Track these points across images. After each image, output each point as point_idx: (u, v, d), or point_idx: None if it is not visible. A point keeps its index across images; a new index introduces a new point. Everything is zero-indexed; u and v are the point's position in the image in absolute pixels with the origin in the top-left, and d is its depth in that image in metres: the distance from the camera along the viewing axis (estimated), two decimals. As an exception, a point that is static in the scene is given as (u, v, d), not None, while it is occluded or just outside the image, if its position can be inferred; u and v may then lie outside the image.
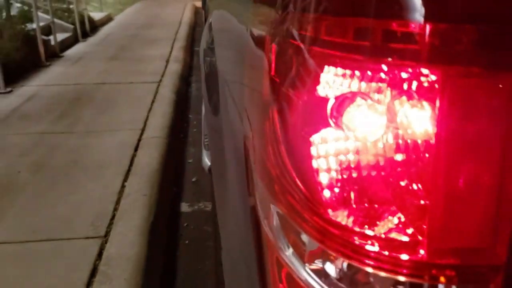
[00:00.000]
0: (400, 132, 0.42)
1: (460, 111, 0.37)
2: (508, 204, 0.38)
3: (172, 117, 4.15)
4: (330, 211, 0.45)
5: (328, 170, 0.46)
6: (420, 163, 0.41)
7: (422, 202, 0.41)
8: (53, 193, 2.81)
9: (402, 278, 0.42)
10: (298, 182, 0.48)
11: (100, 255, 2.24)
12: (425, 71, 0.38)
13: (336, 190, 0.45)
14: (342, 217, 0.45)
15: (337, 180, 0.46)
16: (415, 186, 0.42)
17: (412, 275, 0.41)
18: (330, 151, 0.46)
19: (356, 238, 0.43)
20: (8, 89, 4.84)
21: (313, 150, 0.46)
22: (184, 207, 3.01)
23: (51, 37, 6.56)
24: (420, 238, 0.41)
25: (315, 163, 0.46)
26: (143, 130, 3.80)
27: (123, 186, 2.90)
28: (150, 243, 2.35)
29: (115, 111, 4.24)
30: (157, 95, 4.71)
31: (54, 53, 6.46)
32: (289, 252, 0.50)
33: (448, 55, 0.36)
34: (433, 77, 0.38)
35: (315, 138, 0.46)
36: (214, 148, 1.74)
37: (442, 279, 0.41)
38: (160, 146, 3.50)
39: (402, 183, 0.43)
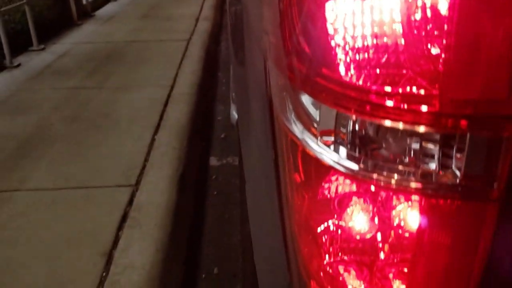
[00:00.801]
0: None
1: None
2: None
3: (201, 74, 4.14)
4: (345, 74, 0.44)
5: (343, 36, 0.44)
6: (435, 20, 0.38)
7: (436, 53, 0.38)
8: (85, 144, 2.86)
9: (419, 128, 0.41)
10: (307, 50, 0.46)
11: (130, 202, 2.29)
12: None
13: (351, 54, 0.43)
14: (358, 79, 0.43)
15: (353, 47, 0.43)
16: (429, 46, 0.39)
17: (428, 125, 0.41)
18: (343, 15, 0.43)
19: (373, 97, 0.42)
20: (41, 46, 4.91)
21: (328, 15, 0.44)
22: (213, 161, 3.03)
23: (83, -4, 6.59)
24: (435, 91, 0.40)
25: (330, 28, 0.44)
26: (172, 86, 3.81)
27: (153, 139, 2.93)
28: (179, 192, 2.38)
29: (145, 68, 4.26)
30: (187, 52, 4.70)
31: (86, 12, 6.50)
32: (302, 131, 0.49)
33: None
34: None
35: (329, 4, 0.44)
36: (240, 99, 1.73)
37: (457, 128, 0.40)
38: (189, 102, 3.51)
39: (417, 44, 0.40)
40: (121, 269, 1.84)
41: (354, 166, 0.46)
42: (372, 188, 0.46)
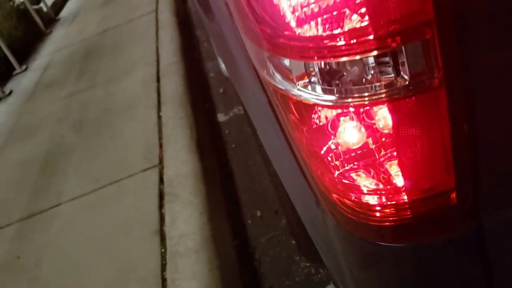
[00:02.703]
0: None
1: None
2: None
3: (180, 39, 4.16)
4: (299, 31, 0.54)
5: (294, 3, 0.53)
6: None
7: None
8: (100, 143, 2.99)
9: (368, 53, 0.52)
10: (272, 19, 0.56)
11: (161, 180, 2.43)
12: None
13: (301, 12, 0.53)
14: (310, 31, 0.54)
15: (297, 5, 0.53)
16: None
17: (373, 49, 0.52)
18: None
19: (327, 41, 0.53)
20: (24, 67, 4.95)
21: None
22: (221, 117, 3.13)
23: (42, 4, 6.49)
24: (369, 23, 0.51)
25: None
26: (158, 61, 3.85)
27: (159, 117, 3.03)
28: (201, 157, 2.51)
29: (126, 52, 4.29)
30: (158, 23, 4.69)
31: (51, 18, 6.44)
32: (283, 82, 0.60)
33: None
34: None
35: None
36: (222, 51, 1.79)
37: (394, 43, 0.51)
38: (179, 70, 3.57)
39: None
40: (175, 240, 2.01)
41: (331, 98, 0.57)
42: (351, 110, 0.58)
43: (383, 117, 0.58)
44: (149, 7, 5.28)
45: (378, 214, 0.62)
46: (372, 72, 0.53)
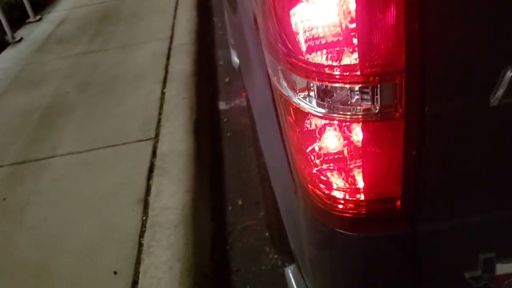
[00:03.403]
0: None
1: None
2: None
3: (196, 22, 4.25)
4: (308, 56, 0.70)
5: (304, 31, 0.70)
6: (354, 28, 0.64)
7: (356, 43, 0.65)
8: (101, 106, 3.08)
9: (355, 84, 0.69)
10: (288, 43, 0.72)
11: (154, 153, 2.54)
12: None
13: (311, 43, 0.69)
14: (316, 58, 0.70)
15: (309, 37, 0.69)
16: (354, 40, 0.66)
17: (358, 82, 0.68)
18: (304, 19, 0.69)
19: (326, 69, 0.69)
20: (38, 17, 5.02)
21: (293, 20, 0.70)
22: (222, 105, 3.24)
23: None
24: (358, 63, 0.68)
25: (294, 28, 0.70)
26: (171, 38, 3.95)
27: (163, 93, 3.13)
28: (196, 138, 2.62)
29: (142, 23, 4.37)
30: (179, 0, 4.77)
31: (72, -26, 6.47)
32: (288, 90, 0.76)
33: None
34: None
35: (294, 10, 0.70)
36: (239, 46, 1.89)
37: (373, 81, 0.67)
38: (190, 52, 3.66)
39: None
40: (157, 211, 2.12)
41: (322, 110, 0.73)
42: (335, 122, 0.75)
43: (358, 133, 0.74)
44: (172, -16, 5.35)
45: (340, 206, 0.79)
46: (356, 98, 0.69)
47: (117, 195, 2.27)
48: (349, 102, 0.70)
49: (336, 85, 0.69)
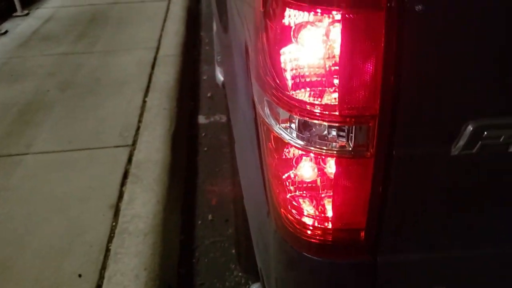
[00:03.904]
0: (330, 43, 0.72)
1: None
2: None
3: (184, 35, 4.31)
4: (292, 92, 0.77)
5: (291, 69, 0.76)
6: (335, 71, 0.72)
7: (336, 85, 0.72)
8: (81, 108, 3.09)
9: (333, 123, 0.76)
10: (275, 78, 0.78)
11: (129, 160, 2.55)
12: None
13: (297, 80, 0.76)
14: (299, 95, 0.76)
15: (296, 75, 0.75)
16: (334, 82, 0.73)
17: (336, 121, 0.75)
18: (292, 58, 0.75)
19: (308, 106, 0.76)
20: (25, 12, 4.99)
21: (282, 58, 0.76)
22: (202, 119, 3.28)
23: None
24: (337, 104, 0.74)
25: (283, 65, 0.76)
26: (158, 48, 3.99)
27: (144, 101, 3.16)
28: (173, 150, 2.65)
29: (130, 30, 4.40)
30: (169, 13, 4.83)
31: (64, -27, 6.47)
32: (271, 120, 0.82)
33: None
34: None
35: (284, 50, 0.76)
36: (226, 63, 1.95)
37: (349, 122, 0.75)
38: (175, 64, 3.71)
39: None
40: (128, 218, 2.14)
41: (301, 142, 0.79)
42: (312, 154, 0.81)
43: (331, 166, 0.81)
44: (164, -6, 5.41)
45: (309, 232, 0.85)
46: (332, 134, 0.76)
47: (89, 199, 2.27)
48: (326, 138, 0.76)
49: (316, 121, 0.75)
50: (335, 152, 0.77)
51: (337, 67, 0.71)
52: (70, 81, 3.45)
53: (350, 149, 0.75)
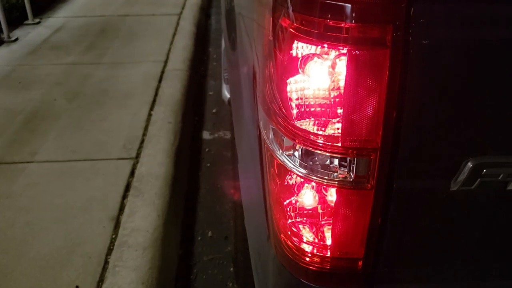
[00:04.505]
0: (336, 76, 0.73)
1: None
2: None
3: (193, 50, 4.35)
4: (297, 121, 0.78)
5: (297, 99, 0.78)
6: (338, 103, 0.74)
7: (340, 116, 0.74)
8: (87, 119, 3.12)
9: (334, 154, 0.77)
10: (281, 106, 0.79)
11: (132, 173, 2.57)
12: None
13: (302, 110, 0.77)
14: (303, 124, 0.78)
15: (301, 105, 0.77)
16: (338, 113, 0.75)
17: (338, 153, 0.77)
18: (298, 88, 0.77)
19: (311, 136, 0.77)
20: (36, 20, 5.06)
21: (289, 87, 0.78)
22: (206, 135, 3.30)
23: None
24: (340, 136, 0.76)
25: (289, 94, 0.78)
26: (165, 62, 4.03)
27: (149, 114, 3.19)
28: (176, 164, 2.67)
29: (139, 43, 4.46)
30: (178, 27, 4.89)
31: (77, -16, 6.57)
32: (275, 146, 0.83)
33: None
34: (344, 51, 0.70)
35: (290, 80, 0.77)
36: (233, 81, 1.97)
37: (351, 153, 0.76)
38: (182, 78, 3.74)
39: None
40: (128, 231, 2.14)
41: (303, 170, 0.81)
42: (313, 183, 0.82)
43: (332, 195, 0.82)
44: (174, 9, 5.49)
45: (307, 259, 0.86)
46: (334, 165, 0.78)
47: (90, 210, 2.28)
48: (328, 167, 0.78)
49: (318, 151, 0.77)
50: (336, 182, 0.78)
51: (341, 99, 0.73)
52: (77, 91, 3.49)
53: (351, 180, 0.77)
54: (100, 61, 4.03)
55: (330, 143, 0.75)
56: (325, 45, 0.70)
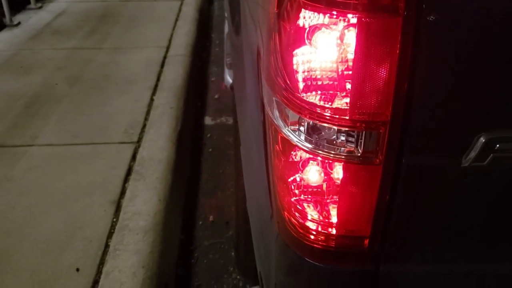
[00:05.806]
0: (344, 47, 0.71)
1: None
2: None
3: (195, 36, 4.31)
4: (303, 94, 0.75)
5: (303, 71, 0.74)
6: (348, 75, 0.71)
7: (348, 89, 0.71)
8: (88, 103, 3.09)
9: (342, 127, 0.74)
10: (287, 79, 0.76)
11: (134, 157, 2.55)
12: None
13: (308, 82, 0.74)
14: (310, 97, 0.75)
15: (307, 77, 0.74)
16: (346, 86, 0.72)
17: (345, 126, 0.74)
18: (304, 60, 0.74)
19: (318, 109, 0.74)
20: (39, 5, 5.01)
21: (295, 59, 0.74)
22: (208, 120, 3.28)
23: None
24: (348, 109, 0.73)
25: (295, 67, 0.75)
26: (168, 47, 3.99)
27: (151, 100, 3.16)
28: (177, 149, 2.65)
29: (141, 29, 4.42)
30: (180, 13, 4.84)
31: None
32: (279, 121, 0.81)
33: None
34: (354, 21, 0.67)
35: (297, 51, 0.74)
36: (236, 65, 1.94)
37: (359, 126, 0.73)
38: (184, 64, 3.71)
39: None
40: (129, 215, 2.13)
41: (309, 145, 0.78)
42: (319, 158, 0.79)
43: (338, 171, 0.79)
44: (177, -6, 5.43)
45: (312, 237, 0.84)
46: (341, 139, 0.75)
47: (91, 193, 2.26)
48: (334, 142, 0.75)
49: (325, 125, 0.74)
50: (343, 157, 0.75)
51: (350, 71, 0.70)
52: (78, 76, 3.46)
53: (359, 154, 0.74)
54: (102, 46, 4.00)
55: (337, 116, 0.72)
56: (334, 13, 0.67)
